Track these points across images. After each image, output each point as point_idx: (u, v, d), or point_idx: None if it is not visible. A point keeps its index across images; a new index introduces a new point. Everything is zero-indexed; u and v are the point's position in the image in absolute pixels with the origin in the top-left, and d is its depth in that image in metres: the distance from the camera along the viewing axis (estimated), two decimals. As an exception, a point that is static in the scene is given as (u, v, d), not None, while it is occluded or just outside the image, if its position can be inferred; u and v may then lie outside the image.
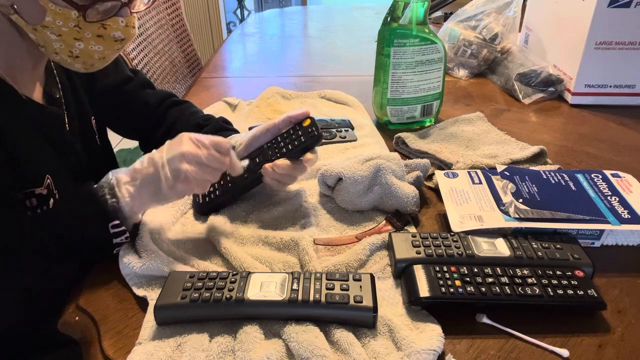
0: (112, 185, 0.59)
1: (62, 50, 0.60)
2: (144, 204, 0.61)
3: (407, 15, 0.87)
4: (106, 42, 0.61)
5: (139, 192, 0.59)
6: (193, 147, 0.59)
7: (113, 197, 0.59)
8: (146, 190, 0.60)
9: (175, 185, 0.59)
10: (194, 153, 0.59)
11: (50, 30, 0.58)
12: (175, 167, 0.58)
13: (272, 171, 0.66)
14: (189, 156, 0.58)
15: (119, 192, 0.59)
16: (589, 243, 0.64)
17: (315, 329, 0.49)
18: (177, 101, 0.88)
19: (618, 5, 0.98)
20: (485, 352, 0.49)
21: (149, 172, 0.60)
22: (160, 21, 1.64)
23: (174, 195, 0.60)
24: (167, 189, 0.59)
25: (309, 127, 0.66)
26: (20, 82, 0.63)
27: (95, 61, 0.63)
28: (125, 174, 0.60)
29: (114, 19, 0.60)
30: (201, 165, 0.59)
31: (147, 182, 0.59)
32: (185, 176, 0.58)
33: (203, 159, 0.59)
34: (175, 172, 0.58)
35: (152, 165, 0.60)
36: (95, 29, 0.59)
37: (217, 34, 3.26)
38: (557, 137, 0.96)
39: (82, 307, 0.55)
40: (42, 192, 0.63)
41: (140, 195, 0.60)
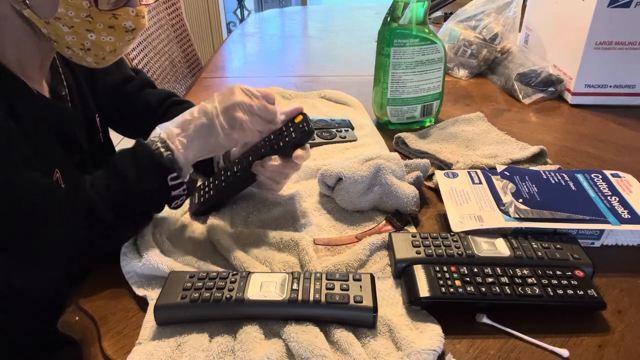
0: (163, 139, 0.59)
1: (74, 44, 0.61)
2: (197, 155, 0.61)
3: (407, 15, 0.87)
4: (117, 33, 0.61)
5: (191, 143, 0.59)
6: (246, 97, 0.61)
7: (167, 149, 0.58)
8: (199, 140, 0.60)
9: (231, 133, 0.60)
10: (247, 103, 0.60)
11: (62, 22, 0.58)
12: (231, 116, 0.60)
13: (263, 169, 0.66)
14: (243, 105, 0.60)
15: (172, 144, 0.59)
16: (589, 243, 0.64)
17: (315, 329, 0.49)
18: (178, 101, 0.88)
19: (618, 5, 0.98)
20: (485, 352, 0.49)
21: (202, 122, 0.60)
22: (160, 21, 1.65)
23: (229, 144, 0.61)
24: (224, 137, 0.60)
25: (301, 123, 0.66)
26: (30, 78, 0.64)
27: (107, 54, 0.64)
28: (175, 127, 0.60)
29: (124, 9, 0.60)
30: (253, 115, 0.61)
31: (200, 132, 0.60)
32: (241, 124, 0.60)
33: (255, 108, 0.61)
34: (232, 121, 0.60)
35: (204, 115, 0.60)
36: (107, 19, 0.59)
37: (217, 34, 3.26)
38: (557, 137, 0.96)
39: (82, 307, 0.55)
40: None
41: (193, 146, 0.60)
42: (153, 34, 1.56)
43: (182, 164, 0.59)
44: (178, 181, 0.59)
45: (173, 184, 0.59)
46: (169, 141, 0.59)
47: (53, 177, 0.63)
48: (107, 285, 0.58)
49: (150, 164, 0.58)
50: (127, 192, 0.57)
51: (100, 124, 0.80)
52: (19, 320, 0.70)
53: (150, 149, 0.58)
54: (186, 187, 0.60)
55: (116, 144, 0.91)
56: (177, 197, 0.60)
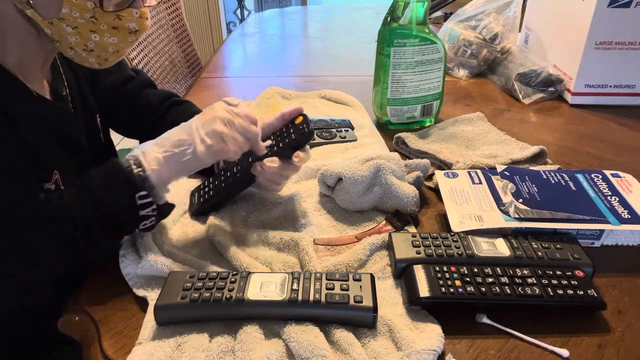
0: (136, 156, 0.57)
1: (77, 44, 0.60)
2: (173, 172, 0.59)
3: (407, 15, 0.87)
4: (121, 34, 0.61)
5: (167, 159, 0.58)
6: (227, 113, 0.60)
7: (139, 166, 0.56)
8: (176, 156, 0.58)
9: (211, 146, 0.58)
10: (228, 118, 0.60)
11: (66, 22, 0.58)
12: (211, 129, 0.58)
13: (262, 170, 0.65)
14: (224, 119, 0.59)
15: (145, 161, 0.57)
16: (589, 243, 0.64)
17: (315, 329, 0.49)
18: (178, 101, 0.88)
19: (618, 5, 0.98)
20: (485, 352, 0.49)
21: (181, 138, 0.59)
22: (160, 21, 1.65)
23: (209, 157, 0.58)
24: (203, 150, 0.58)
25: (301, 124, 0.66)
26: (30, 79, 0.64)
27: (110, 55, 0.63)
28: (152, 143, 0.59)
29: (128, 11, 0.60)
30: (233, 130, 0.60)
31: (178, 148, 0.58)
32: (222, 137, 0.58)
33: (237, 125, 0.60)
34: (211, 133, 0.58)
35: (184, 131, 0.59)
36: (111, 20, 0.59)
37: (217, 34, 3.26)
38: (557, 137, 0.96)
39: (82, 307, 0.55)
40: (51, 188, 0.63)
41: (169, 162, 0.58)
42: (153, 34, 1.56)
43: (155, 183, 0.57)
44: (147, 200, 0.56)
45: (141, 203, 0.56)
46: (143, 158, 0.57)
47: (52, 179, 0.63)
48: (107, 285, 0.58)
49: (118, 180, 0.56)
50: (93, 207, 0.55)
51: (100, 124, 0.80)
52: (19, 320, 0.70)
53: (120, 166, 0.57)
54: (157, 208, 0.58)
55: (116, 144, 0.91)
56: (146, 218, 0.58)
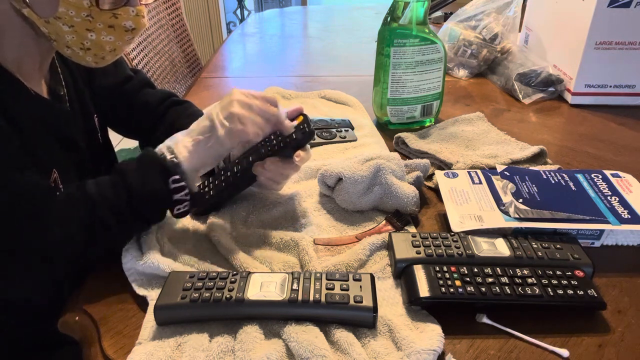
0: (169, 145, 0.61)
1: (73, 43, 0.60)
2: (203, 159, 0.62)
3: (407, 15, 0.87)
4: (117, 33, 0.61)
5: (196, 147, 0.61)
6: (244, 96, 0.62)
7: (172, 154, 0.60)
8: (203, 143, 0.61)
9: (230, 128, 0.60)
10: (245, 100, 0.62)
11: (62, 21, 0.58)
12: (229, 112, 0.61)
13: (263, 169, 0.66)
14: (241, 102, 0.61)
15: (177, 149, 0.60)
16: (589, 243, 0.64)
17: (315, 329, 0.49)
18: (178, 101, 0.88)
19: (618, 5, 0.98)
20: (485, 352, 0.49)
21: (204, 125, 0.62)
22: (160, 21, 1.65)
23: (230, 140, 0.61)
24: (224, 134, 0.60)
25: (301, 124, 0.66)
26: (28, 78, 0.64)
27: (107, 53, 0.64)
28: (182, 134, 0.62)
29: (124, 9, 0.60)
30: (252, 112, 0.62)
31: (203, 134, 0.61)
32: (239, 119, 0.60)
33: (254, 106, 0.62)
34: (229, 116, 0.61)
35: (207, 118, 0.62)
36: (107, 19, 0.59)
37: (217, 34, 3.26)
38: (557, 137, 0.96)
39: (82, 307, 0.55)
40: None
41: (197, 149, 0.61)
42: (153, 34, 1.56)
43: (186, 169, 0.60)
44: (180, 184, 0.59)
45: (175, 187, 0.59)
46: (174, 147, 0.61)
47: (50, 178, 0.63)
48: (107, 285, 0.58)
49: (153, 166, 0.59)
50: (129, 194, 0.57)
51: (98, 124, 0.80)
52: (19, 320, 0.70)
53: (154, 153, 0.60)
54: (189, 194, 0.61)
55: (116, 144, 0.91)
56: (180, 202, 0.60)
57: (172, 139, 0.62)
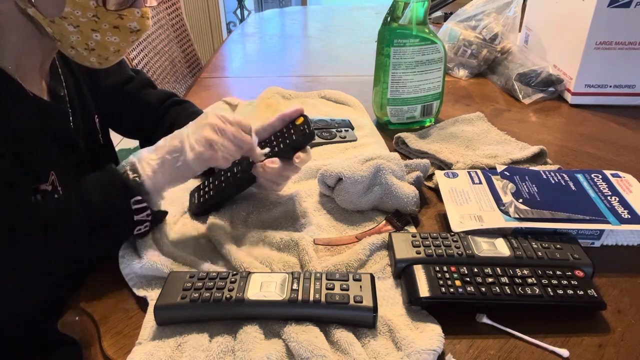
0: (133, 162, 0.59)
1: (78, 43, 0.60)
2: (167, 179, 0.60)
3: (407, 15, 0.87)
4: (122, 33, 0.61)
5: (161, 166, 0.59)
6: (218, 120, 0.60)
7: (134, 172, 0.58)
8: (169, 163, 0.59)
9: (201, 152, 0.58)
10: (219, 125, 0.60)
11: (68, 21, 0.58)
12: (201, 135, 0.59)
13: (263, 170, 0.66)
14: (214, 127, 0.60)
15: (140, 167, 0.58)
16: (589, 243, 0.64)
17: (315, 329, 0.49)
18: (178, 101, 0.88)
19: (618, 5, 0.98)
20: (485, 352, 0.49)
21: (174, 145, 0.60)
22: (160, 21, 1.65)
23: (198, 164, 0.59)
24: (193, 157, 0.58)
25: (301, 125, 0.66)
26: (27, 79, 0.63)
27: (110, 54, 0.64)
28: (147, 151, 0.60)
29: (130, 10, 0.60)
30: (225, 138, 0.60)
31: (171, 154, 0.59)
32: (211, 144, 0.59)
33: (227, 133, 0.60)
34: (201, 140, 0.59)
35: (177, 138, 0.60)
36: (112, 20, 0.59)
37: (217, 34, 3.26)
38: (557, 137, 0.96)
39: (82, 307, 0.55)
40: (47, 189, 0.63)
41: (163, 168, 0.59)
42: (153, 34, 1.56)
43: (150, 189, 0.58)
44: (142, 205, 0.57)
45: (136, 208, 0.57)
46: (139, 165, 0.58)
47: (48, 180, 0.63)
48: (107, 286, 0.58)
49: (115, 185, 0.57)
50: (88, 212, 0.56)
51: (99, 124, 0.80)
52: (19, 320, 0.70)
53: (117, 171, 0.58)
54: (151, 214, 0.59)
55: (116, 144, 0.91)
56: (140, 223, 0.58)
57: (137, 155, 0.60)
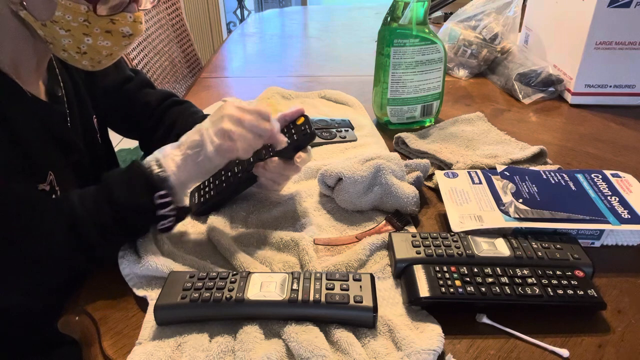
0: (158, 158, 0.59)
1: (70, 47, 0.60)
2: (191, 174, 0.60)
3: (407, 15, 0.87)
4: (114, 38, 0.61)
5: (184, 161, 0.59)
6: (236, 110, 0.60)
7: (160, 167, 0.58)
8: (191, 158, 0.59)
9: (220, 145, 0.58)
10: (236, 115, 0.59)
11: (59, 25, 0.58)
12: (219, 127, 0.59)
13: (264, 170, 0.66)
14: (232, 117, 0.59)
15: (165, 162, 0.58)
16: (589, 243, 0.64)
17: (315, 329, 0.49)
18: (178, 101, 0.88)
19: (618, 5, 0.98)
20: (485, 352, 0.49)
21: (194, 139, 0.60)
22: (160, 21, 1.65)
23: (219, 157, 0.59)
24: (213, 150, 0.58)
25: (302, 125, 0.66)
26: (25, 79, 0.63)
27: (103, 57, 0.63)
28: (171, 146, 0.60)
29: (122, 15, 0.60)
30: (243, 127, 0.59)
31: (192, 149, 0.59)
32: (229, 135, 0.58)
33: (245, 122, 0.59)
34: (219, 132, 0.59)
35: (197, 132, 0.60)
36: (104, 24, 0.59)
37: (217, 34, 3.26)
38: (557, 137, 0.96)
39: (82, 307, 0.55)
40: (45, 189, 0.63)
41: (186, 164, 0.59)
42: (153, 34, 1.56)
43: (174, 184, 0.58)
44: (166, 199, 0.58)
45: (160, 202, 0.57)
46: (163, 160, 0.59)
47: (46, 181, 0.63)
48: (107, 285, 0.58)
49: (139, 180, 0.57)
50: (113, 209, 0.56)
51: (98, 124, 0.80)
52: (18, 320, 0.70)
53: (141, 166, 0.58)
54: (175, 209, 0.59)
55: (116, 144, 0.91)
56: (164, 218, 0.59)
57: (161, 151, 0.60)
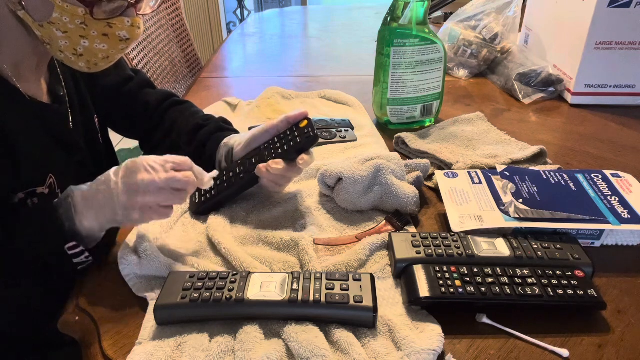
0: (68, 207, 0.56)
1: (66, 48, 0.60)
2: (104, 226, 0.58)
3: (407, 15, 0.87)
4: (111, 41, 0.61)
5: (96, 215, 0.56)
6: (146, 174, 0.55)
7: (68, 220, 0.56)
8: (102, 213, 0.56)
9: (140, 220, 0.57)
10: (147, 180, 0.55)
11: (56, 27, 0.58)
12: (133, 204, 0.55)
13: (266, 172, 0.66)
14: (143, 185, 0.55)
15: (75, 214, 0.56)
16: (589, 243, 0.64)
17: (315, 329, 0.49)
18: (178, 101, 0.88)
19: (618, 5, 0.98)
20: (485, 352, 0.49)
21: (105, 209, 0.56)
22: (160, 21, 1.65)
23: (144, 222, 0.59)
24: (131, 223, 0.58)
25: (306, 128, 0.66)
26: (25, 79, 0.64)
27: (99, 60, 0.63)
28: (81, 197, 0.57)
29: (120, 19, 0.60)
30: (161, 190, 0.56)
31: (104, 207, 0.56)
32: (141, 209, 0.56)
33: (160, 184, 0.55)
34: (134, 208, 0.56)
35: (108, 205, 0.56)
36: (101, 28, 0.59)
37: (217, 34, 3.26)
38: (557, 137, 0.96)
39: (82, 307, 0.55)
40: (44, 192, 0.63)
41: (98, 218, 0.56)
42: (153, 34, 1.56)
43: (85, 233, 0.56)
44: (78, 250, 0.56)
45: (73, 253, 0.56)
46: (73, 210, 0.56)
47: (45, 184, 0.63)
48: (107, 285, 0.58)
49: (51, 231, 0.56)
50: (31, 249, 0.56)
51: (99, 124, 0.80)
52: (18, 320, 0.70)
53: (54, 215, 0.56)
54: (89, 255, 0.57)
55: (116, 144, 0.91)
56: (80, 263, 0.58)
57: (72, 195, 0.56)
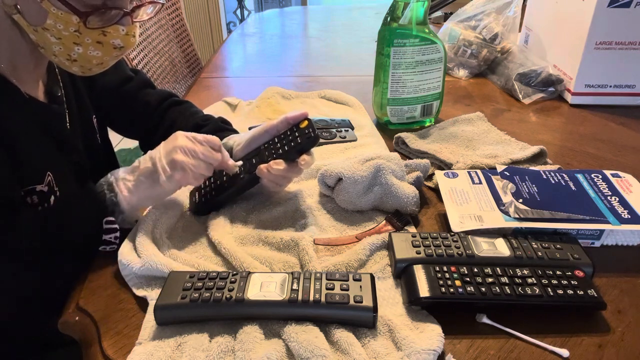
0: (110, 182, 0.62)
1: (60, 53, 0.61)
2: (143, 199, 0.63)
3: (407, 15, 0.87)
4: (105, 49, 0.61)
5: (137, 187, 0.62)
6: (188, 141, 0.63)
7: (111, 192, 0.61)
8: (144, 184, 0.62)
9: (172, 175, 0.61)
10: (188, 146, 0.62)
11: (50, 32, 0.58)
12: (171, 158, 0.61)
13: (267, 172, 0.66)
14: (184, 148, 0.62)
15: (117, 187, 0.61)
16: (589, 243, 0.64)
17: (315, 329, 0.49)
18: (177, 101, 0.88)
19: (618, 5, 0.98)
20: (485, 352, 0.49)
21: (147, 167, 0.62)
22: (160, 21, 1.65)
23: (171, 185, 0.62)
24: (165, 179, 0.61)
25: (306, 128, 0.66)
26: (23, 80, 0.64)
27: (93, 66, 0.64)
28: (123, 171, 0.63)
29: (114, 27, 0.60)
30: (196, 159, 0.62)
31: (145, 176, 0.62)
32: (182, 166, 0.61)
33: (198, 152, 0.62)
34: (172, 163, 0.61)
35: (150, 160, 0.63)
36: (95, 35, 0.59)
37: (217, 34, 3.26)
38: (557, 137, 0.96)
39: (82, 307, 0.55)
40: (43, 189, 0.63)
41: (138, 190, 0.62)
42: (153, 34, 1.56)
43: (124, 207, 0.61)
44: (112, 226, 0.60)
45: (106, 228, 0.60)
46: (115, 184, 0.62)
47: (44, 182, 0.63)
48: (107, 286, 0.58)
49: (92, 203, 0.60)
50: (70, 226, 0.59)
51: (97, 124, 0.80)
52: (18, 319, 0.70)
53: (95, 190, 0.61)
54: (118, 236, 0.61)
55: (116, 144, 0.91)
56: (106, 243, 0.61)
57: (114, 173, 0.63)
